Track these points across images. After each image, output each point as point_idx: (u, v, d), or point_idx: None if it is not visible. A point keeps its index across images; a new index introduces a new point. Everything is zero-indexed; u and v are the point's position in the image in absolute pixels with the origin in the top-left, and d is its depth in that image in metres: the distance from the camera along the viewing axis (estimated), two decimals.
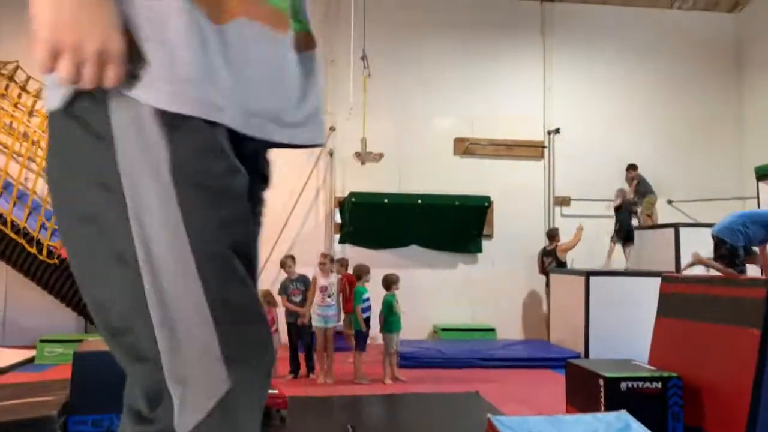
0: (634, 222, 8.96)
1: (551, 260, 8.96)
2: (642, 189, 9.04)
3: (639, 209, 9.04)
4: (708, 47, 10.44)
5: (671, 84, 10.32)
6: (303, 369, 6.49)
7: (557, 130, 9.90)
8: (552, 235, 9.20)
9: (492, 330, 9.16)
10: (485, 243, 9.54)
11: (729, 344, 3.85)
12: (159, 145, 0.86)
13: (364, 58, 7.42)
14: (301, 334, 6.46)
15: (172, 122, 0.86)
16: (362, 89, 7.93)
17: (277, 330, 6.48)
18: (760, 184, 6.10)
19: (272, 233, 9.09)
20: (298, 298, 6.50)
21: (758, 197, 6.21)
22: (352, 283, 6.46)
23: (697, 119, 10.24)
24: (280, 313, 6.75)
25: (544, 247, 9.25)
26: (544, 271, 9.00)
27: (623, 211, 8.60)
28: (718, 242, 5.09)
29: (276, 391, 4.47)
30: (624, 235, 8.52)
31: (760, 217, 5.07)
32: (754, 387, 3.63)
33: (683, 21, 10.41)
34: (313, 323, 6.33)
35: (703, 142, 10.16)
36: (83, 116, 0.87)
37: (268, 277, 8.97)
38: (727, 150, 9.99)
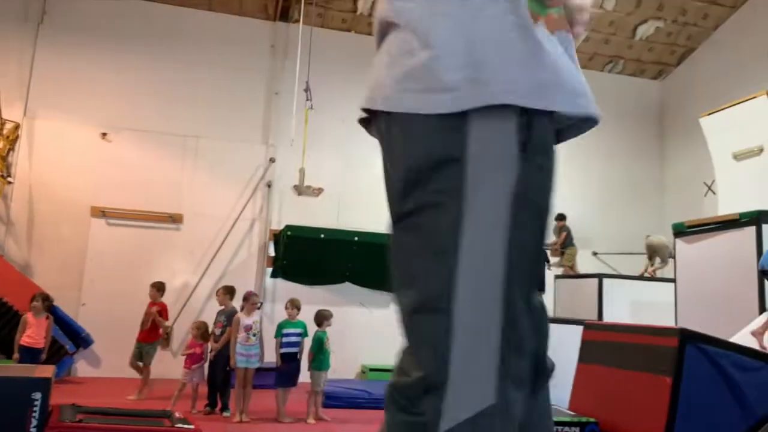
0: (558, 271, 9.28)
1: None
2: (567, 242, 9.40)
3: (558, 259, 9.40)
4: (634, 111, 11.11)
5: (602, 144, 10.87)
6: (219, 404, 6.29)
7: None
8: None
9: None
10: None
11: (643, 391, 3.99)
12: (510, 160, 0.94)
13: (307, 90, 7.48)
14: (216, 368, 6.25)
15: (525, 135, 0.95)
16: (304, 121, 7.93)
17: (202, 366, 6.26)
18: (677, 240, 6.46)
19: (203, 260, 8.87)
20: (218, 331, 6.33)
21: (674, 252, 6.55)
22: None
23: (623, 178, 10.81)
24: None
25: None
26: None
27: None
28: None
29: (192, 427, 4.29)
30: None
31: None
32: None
33: (614, 85, 11.06)
34: (236, 362, 6.12)
35: (628, 200, 10.70)
36: (447, 124, 0.95)
37: (195, 306, 8.70)
38: (649, 208, 10.55)
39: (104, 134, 8.89)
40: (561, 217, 9.55)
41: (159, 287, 6.79)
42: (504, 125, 0.95)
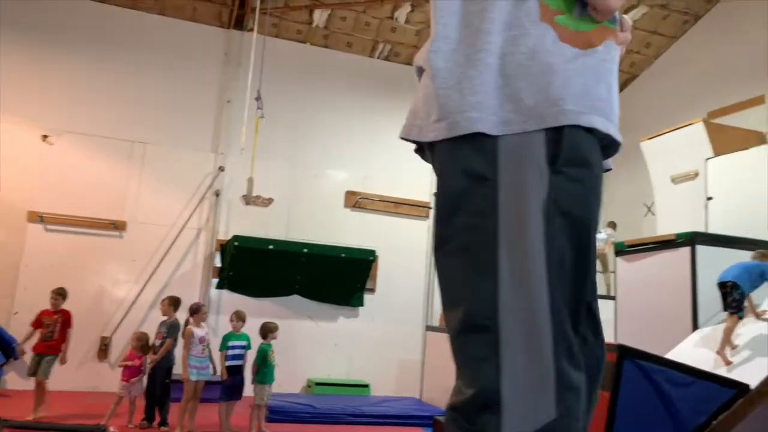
0: None
1: None
2: None
3: None
4: None
5: None
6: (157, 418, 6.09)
7: None
8: None
9: (366, 386, 9.10)
10: (367, 297, 9.59)
11: None
12: (542, 176, 0.96)
13: (258, 98, 7.40)
14: (155, 381, 6.06)
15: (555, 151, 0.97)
16: (255, 131, 7.84)
17: (141, 379, 6.06)
18: (618, 258, 6.68)
19: (146, 269, 8.61)
20: (158, 342, 6.15)
21: (615, 271, 6.77)
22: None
23: None
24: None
25: None
26: None
27: None
28: (732, 289, 4.87)
29: None
30: None
31: (756, 268, 5.01)
32: None
33: None
34: (189, 375, 5.95)
35: None
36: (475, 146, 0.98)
37: (136, 317, 8.43)
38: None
39: (45, 136, 8.56)
40: None
41: (61, 293, 6.40)
42: (531, 141, 0.97)
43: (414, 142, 1.16)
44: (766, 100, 8.33)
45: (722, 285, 4.98)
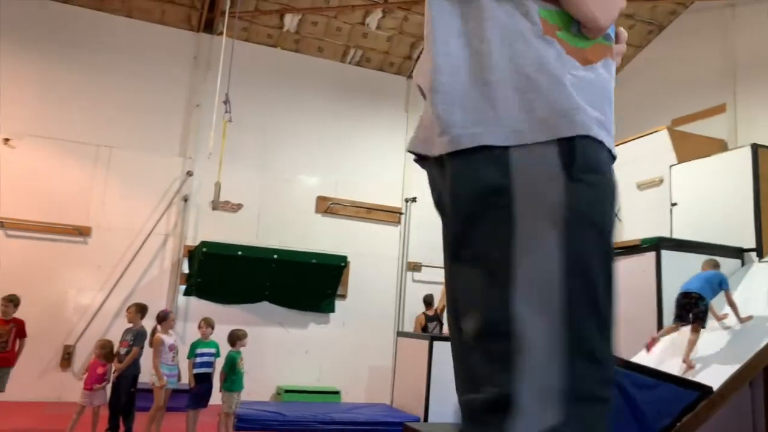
0: None
1: (435, 324, 9.11)
2: None
3: None
4: None
5: None
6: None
7: (414, 199, 10.35)
8: (428, 301, 9.34)
9: (337, 393, 9.04)
10: (338, 303, 9.54)
11: None
12: (558, 183, 0.96)
13: (226, 102, 7.32)
14: (120, 390, 5.93)
15: (568, 159, 0.97)
16: (222, 135, 7.75)
17: (104, 388, 5.92)
18: None
19: (111, 276, 8.44)
20: (123, 350, 6.02)
21: None
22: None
23: None
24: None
25: (425, 313, 9.35)
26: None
27: None
28: (697, 300, 5.07)
29: None
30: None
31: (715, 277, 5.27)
32: None
33: None
34: (159, 383, 5.85)
35: None
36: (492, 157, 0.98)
37: (101, 325, 8.24)
38: None
39: (7, 140, 8.34)
40: None
41: (12, 300, 6.20)
42: (544, 150, 0.98)
43: (420, 155, 1.16)
44: (727, 108, 8.56)
45: (687, 295, 5.10)
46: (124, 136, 8.89)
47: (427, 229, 10.32)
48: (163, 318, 6.10)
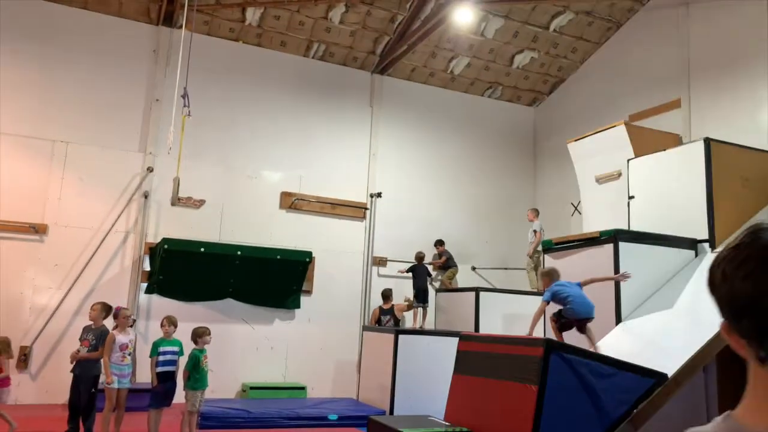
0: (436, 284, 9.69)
1: (389, 318, 9.17)
2: (447, 264, 9.82)
3: (439, 276, 9.84)
4: (512, 135, 11.80)
5: (481, 163, 11.43)
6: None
7: (379, 194, 10.37)
8: (386, 295, 9.40)
9: (303, 388, 9.02)
10: (304, 299, 9.50)
11: (511, 399, 4.19)
12: None
13: (185, 96, 7.19)
14: (80, 391, 5.82)
15: None
16: (181, 129, 7.61)
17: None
18: (546, 255, 6.89)
19: (69, 274, 8.23)
20: (85, 350, 5.89)
21: (543, 267, 6.97)
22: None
23: (499, 197, 11.40)
24: (65, 364, 6.06)
25: (380, 306, 9.40)
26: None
27: (417, 274, 9.15)
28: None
29: None
30: (420, 297, 9.03)
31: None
32: None
33: (492, 109, 11.69)
34: (106, 381, 5.75)
35: (504, 218, 11.29)
36: None
37: (59, 324, 8.04)
38: (524, 226, 11.15)
39: None
40: (440, 243, 10.00)
41: None
42: None
43: None
44: (681, 103, 8.81)
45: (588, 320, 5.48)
46: (81, 131, 8.66)
47: (392, 224, 10.37)
48: (114, 315, 5.99)
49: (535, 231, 9.39)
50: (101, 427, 5.73)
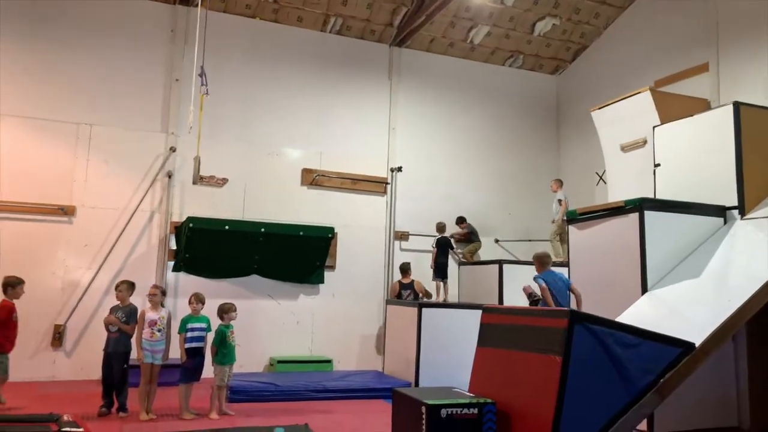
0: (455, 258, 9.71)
1: (409, 293, 9.19)
2: (470, 238, 9.87)
3: (460, 250, 9.81)
4: (534, 104, 11.61)
5: (502, 134, 11.29)
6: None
7: (399, 168, 10.33)
8: (405, 269, 9.42)
9: (329, 362, 9.15)
10: (327, 274, 9.58)
11: (536, 371, 4.19)
12: None
13: (202, 75, 7.19)
14: (112, 368, 5.97)
15: None
16: (200, 108, 7.63)
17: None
18: (570, 226, 6.81)
19: (99, 254, 8.40)
20: (114, 329, 6.04)
21: (568, 239, 6.90)
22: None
23: (521, 168, 11.27)
24: (97, 341, 6.23)
25: (400, 281, 9.43)
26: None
27: (438, 245, 9.16)
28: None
29: (80, 430, 4.06)
30: (439, 272, 9.05)
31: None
32: (556, 410, 3.95)
33: (514, 78, 11.49)
34: (144, 358, 5.91)
35: (526, 188, 11.17)
36: None
37: (91, 302, 8.24)
38: (546, 197, 11.02)
39: None
40: (461, 220, 10.03)
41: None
42: None
43: None
44: (710, 67, 8.55)
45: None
46: (104, 113, 8.75)
47: (413, 198, 10.34)
48: (152, 293, 6.14)
49: (560, 200, 9.32)
50: (138, 402, 5.90)
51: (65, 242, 8.36)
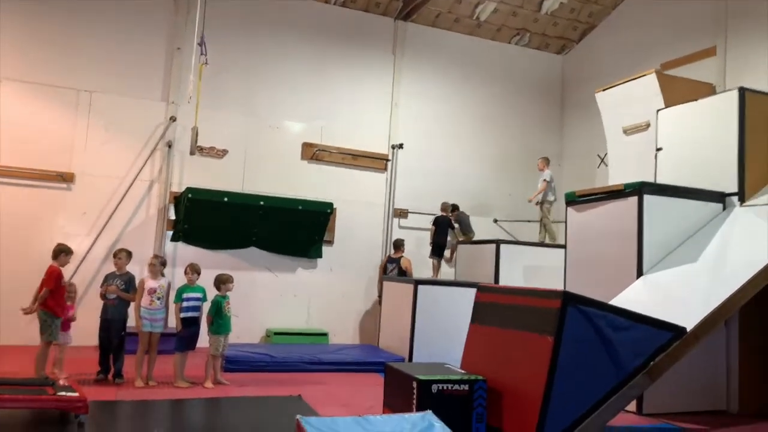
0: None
1: (394, 267, 9.27)
2: (462, 230, 9.61)
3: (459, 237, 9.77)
4: (538, 84, 11.50)
5: (506, 113, 11.20)
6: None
7: (401, 145, 10.28)
8: (398, 245, 9.48)
9: (325, 335, 9.22)
10: (325, 249, 9.60)
11: (527, 350, 4.22)
12: None
13: (201, 44, 7.11)
14: (110, 334, 6.03)
15: None
16: (198, 78, 7.56)
17: (69, 328, 6.14)
18: (569, 208, 6.80)
19: (97, 222, 8.41)
20: (111, 296, 6.07)
21: (566, 220, 6.90)
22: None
23: (524, 148, 11.20)
24: (94, 307, 6.27)
25: (389, 255, 9.51)
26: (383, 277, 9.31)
27: (437, 224, 9.16)
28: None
29: (76, 395, 4.11)
30: (436, 250, 9.10)
31: None
32: (546, 389, 3.99)
33: (520, 57, 11.36)
34: (142, 326, 5.96)
35: (527, 169, 11.08)
36: None
37: (89, 269, 8.28)
38: None
39: None
40: (455, 208, 9.64)
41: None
42: None
43: None
44: (717, 51, 8.45)
45: None
46: (105, 80, 8.68)
47: (413, 176, 10.31)
48: (151, 263, 6.20)
49: (545, 180, 9.14)
50: (135, 369, 5.96)
51: (64, 209, 8.36)
